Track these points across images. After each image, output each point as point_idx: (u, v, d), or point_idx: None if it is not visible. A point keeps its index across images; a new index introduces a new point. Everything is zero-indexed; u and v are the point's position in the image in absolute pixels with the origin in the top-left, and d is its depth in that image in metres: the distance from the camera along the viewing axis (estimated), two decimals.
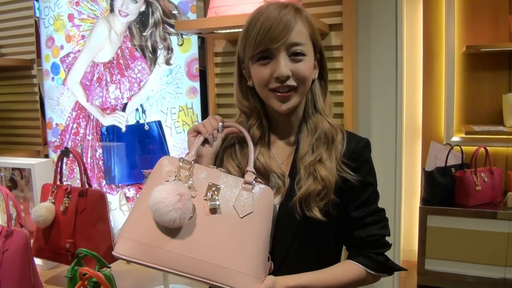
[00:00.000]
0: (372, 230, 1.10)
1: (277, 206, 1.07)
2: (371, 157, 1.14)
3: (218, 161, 1.14)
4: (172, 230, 0.93)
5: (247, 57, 1.07)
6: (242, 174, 1.08)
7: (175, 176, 0.99)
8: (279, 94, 1.04)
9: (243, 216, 0.98)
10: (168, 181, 0.98)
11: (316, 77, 1.12)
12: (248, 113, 1.14)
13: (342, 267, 1.10)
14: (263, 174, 1.09)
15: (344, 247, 1.19)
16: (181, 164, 1.01)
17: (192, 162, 1.02)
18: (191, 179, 1.00)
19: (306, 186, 1.04)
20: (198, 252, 0.94)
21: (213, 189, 0.99)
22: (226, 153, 1.15)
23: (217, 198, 0.98)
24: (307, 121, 1.12)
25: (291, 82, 1.04)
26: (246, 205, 0.99)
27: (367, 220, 1.10)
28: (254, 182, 1.02)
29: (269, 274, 1.01)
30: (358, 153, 1.09)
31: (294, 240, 1.07)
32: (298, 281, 1.00)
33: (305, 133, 1.11)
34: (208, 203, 0.97)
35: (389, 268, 1.12)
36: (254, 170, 1.04)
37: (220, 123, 1.10)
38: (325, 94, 1.15)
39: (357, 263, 1.09)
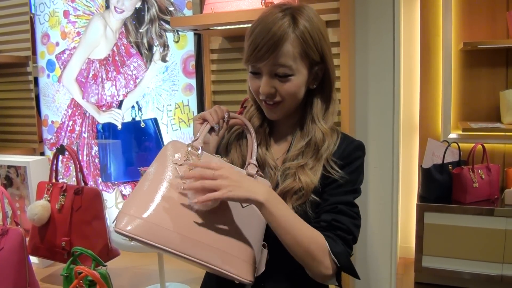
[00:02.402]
0: (342, 219, 1.04)
1: None
2: (362, 159, 1.12)
3: (223, 148, 1.18)
4: (180, 213, 0.96)
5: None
6: (243, 162, 1.13)
7: (184, 160, 1.01)
8: (266, 104, 1.09)
9: (245, 206, 1.01)
10: (176, 164, 1.01)
11: (315, 87, 1.11)
12: (252, 102, 1.18)
13: (316, 232, 1.01)
14: (260, 165, 1.11)
15: None
16: (189, 149, 1.03)
17: (201, 148, 1.05)
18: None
19: (285, 184, 1.07)
20: (202, 235, 0.96)
21: None
22: (234, 141, 1.19)
23: None
24: (302, 126, 1.13)
25: (276, 98, 1.06)
26: None
27: (339, 206, 1.05)
28: (255, 174, 1.06)
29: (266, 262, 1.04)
30: (348, 153, 1.10)
31: None
32: (274, 211, 0.96)
33: (298, 137, 1.13)
34: None
35: (349, 263, 1.03)
36: (256, 163, 1.08)
37: (226, 113, 1.13)
38: (327, 103, 1.13)
39: (325, 238, 1.01)
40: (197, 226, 0.97)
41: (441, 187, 2.61)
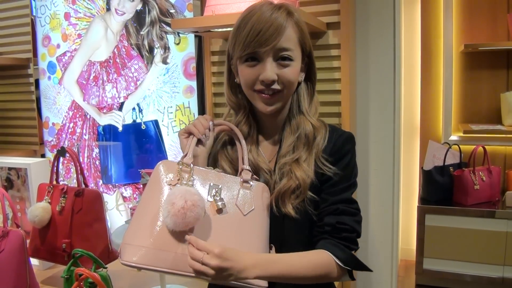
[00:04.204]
0: (345, 219, 1.06)
1: None
2: (353, 150, 1.13)
3: (211, 159, 1.16)
4: (181, 233, 0.94)
5: (235, 56, 1.08)
6: (235, 170, 1.12)
7: (178, 180, 1.00)
8: (263, 95, 1.07)
9: (247, 214, 1.01)
10: (170, 184, 0.99)
11: (302, 79, 1.13)
12: (235, 109, 1.17)
13: (315, 254, 1.04)
14: (253, 171, 1.10)
15: None
16: (181, 167, 1.01)
17: (191, 164, 1.03)
18: (193, 181, 1.01)
19: (281, 184, 1.07)
20: None
21: (215, 189, 1.01)
22: (219, 150, 1.17)
23: (220, 198, 1.01)
24: (291, 121, 1.14)
25: (276, 86, 1.05)
26: (247, 203, 1.03)
27: (340, 206, 1.07)
28: (250, 179, 1.06)
29: None
30: (338, 147, 1.11)
31: (282, 234, 1.09)
32: (270, 272, 0.96)
33: (288, 132, 1.13)
34: (215, 204, 1.00)
35: (357, 263, 1.06)
36: (249, 168, 1.07)
37: (211, 122, 1.11)
38: (312, 96, 1.16)
39: (328, 252, 1.03)
40: None
41: (442, 189, 2.61)
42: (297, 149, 1.10)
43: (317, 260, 1.02)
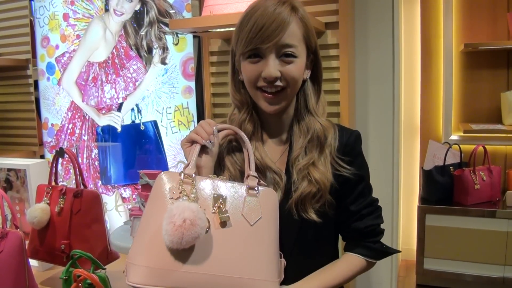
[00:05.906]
0: (369, 221, 1.12)
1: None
2: (362, 149, 1.16)
3: (217, 165, 1.13)
4: (186, 250, 0.90)
5: (238, 52, 1.07)
6: (240, 172, 1.10)
7: (180, 193, 0.94)
8: (266, 94, 1.05)
9: (254, 223, 0.97)
10: (172, 198, 0.94)
11: (308, 77, 1.11)
12: (239, 106, 1.14)
13: (345, 262, 1.12)
14: (260, 170, 1.08)
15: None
16: (182, 178, 0.96)
17: (194, 174, 0.98)
18: (195, 193, 0.96)
19: (302, 188, 1.05)
20: (215, 268, 0.91)
21: (220, 200, 0.96)
22: (226, 154, 1.14)
23: (225, 209, 0.96)
24: (299, 121, 1.12)
25: (279, 83, 1.03)
26: (254, 212, 0.98)
27: (363, 212, 1.12)
28: (257, 186, 1.01)
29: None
30: (351, 147, 1.11)
31: (298, 238, 1.09)
32: None
33: (297, 133, 1.11)
34: (219, 216, 0.95)
35: (385, 253, 1.15)
36: (256, 174, 1.02)
37: (214, 127, 1.06)
38: (318, 94, 1.14)
39: (357, 255, 1.12)
40: (208, 260, 0.92)
41: (442, 189, 2.60)
42: (310, 152, 1.08)
43: (351, 268, 1.11)
